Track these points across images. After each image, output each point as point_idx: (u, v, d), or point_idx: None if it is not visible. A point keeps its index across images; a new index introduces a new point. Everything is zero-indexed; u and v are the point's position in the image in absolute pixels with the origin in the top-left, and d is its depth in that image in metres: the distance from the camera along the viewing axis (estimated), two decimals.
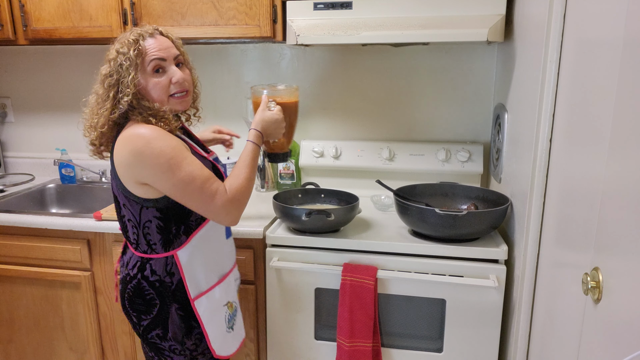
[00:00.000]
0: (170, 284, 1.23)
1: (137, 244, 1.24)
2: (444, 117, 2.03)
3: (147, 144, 1.11)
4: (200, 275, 1.27)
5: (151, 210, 1.19)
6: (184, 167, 1.13)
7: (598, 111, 0.96)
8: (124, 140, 1.14)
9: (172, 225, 1.21)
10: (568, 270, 1.10)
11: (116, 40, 1.20)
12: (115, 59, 1.16)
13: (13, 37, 1.92)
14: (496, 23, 1.54)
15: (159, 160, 1.11)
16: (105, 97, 1.17)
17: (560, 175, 1.19)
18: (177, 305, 1.24)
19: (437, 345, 1.56)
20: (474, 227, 1.45)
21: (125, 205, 1.22)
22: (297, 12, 1.69)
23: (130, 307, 1.27)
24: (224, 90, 2.17)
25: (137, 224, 1.22)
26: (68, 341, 1.88)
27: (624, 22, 0.86)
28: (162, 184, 1.13)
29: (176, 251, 1.23)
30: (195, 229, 1.24)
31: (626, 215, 0.81)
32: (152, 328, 1.26)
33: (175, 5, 1.79)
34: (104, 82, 1.18)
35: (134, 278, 1.25)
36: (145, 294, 1.24)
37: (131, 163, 1.13)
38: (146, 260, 1.24)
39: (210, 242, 1.30)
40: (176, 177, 1.13)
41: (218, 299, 1.31)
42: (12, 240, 1.80)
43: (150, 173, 1.12)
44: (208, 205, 1.17)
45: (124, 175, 1.16)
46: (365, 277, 1.48)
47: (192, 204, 1.17)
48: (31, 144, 2.41)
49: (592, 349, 0.94)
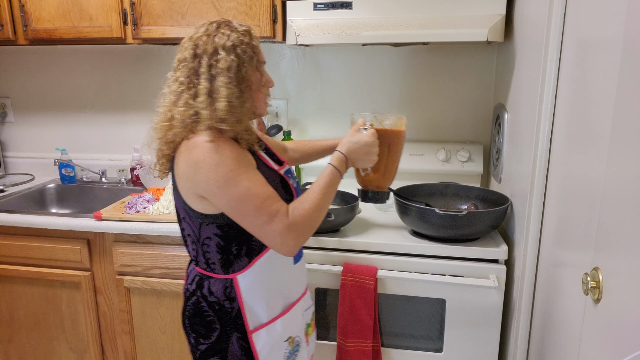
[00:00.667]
0: (231, 309, 1.10)
1: (196, 260, 1.14)
2: (443, 117, 2.03)
3: (206, 153, 1.00)
4: (260, 305, 1.12)
5: (211, 227, 1.07)
6: (242, 181, 1.00)
7: (598, 111, 0.96)
8: (186, 148, 1.03)
9: (233, 245, 1.08)
10: (568, 270, 1.10)
11: (221, 29, 1.05)
12: (234, 48, 1.03)
13: (13, 37, 1.92)
14: (496, 23, 1.54)
15: (217, 172, 0.99)
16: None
17: (560, 175, 1.19)
18: (239, 334, 1.11)
19: (437, 345, 1.56)
20: (474, 227, 1.45)
21: (185, 219, 1.11)
22: (297, 12, 1.69)
23: (189, 326, 1.15)
24: None
25: (197, 240, 1.10)
26: (68, 341, 1.88)
27: (623, 22, 0.86)
28: (217, 199, 1.01)
29: (236, 275, 1.10)
30: (258, 252, 1.10)
31: (626, 215, 0.81)
32: (210, 355, 1.13)
33: (175, 5, 1.79)
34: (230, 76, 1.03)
35: (193, 294, 1.14)
36: (205, 314, 1.11)
37: (189, 174, 1.02)
38: (205, 278, 1.13)
39: (276, 269, 1.14)
40: (232, 192, 1.00)
41: (279, 334, 1.15)
42: (12, 240, 1.80)
43: (206, 186, 1.01)
44: (263, 227, 1.01)
45: (182, 187, 1.06)
46: (365, 277, 1.48)
47: (247, 224, 1.03)
48: (31, 144, 2.41)
49: (592, 349, 0.94)
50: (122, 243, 1.72)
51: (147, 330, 1.79)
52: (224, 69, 1.03)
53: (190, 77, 1.05)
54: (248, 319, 1.11)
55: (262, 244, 1.10)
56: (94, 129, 2.33)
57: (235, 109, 1.03)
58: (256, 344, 1.11)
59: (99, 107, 2.30)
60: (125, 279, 1.74)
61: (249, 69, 1.07)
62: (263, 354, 1.12)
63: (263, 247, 1.11)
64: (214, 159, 1.00)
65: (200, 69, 1.04)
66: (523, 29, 1.49)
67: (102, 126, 2.32)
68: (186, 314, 1.16)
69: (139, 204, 1.78)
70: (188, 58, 1.05)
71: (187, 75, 1.05)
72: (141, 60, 2.20)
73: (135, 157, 2.17)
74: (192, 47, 1.05)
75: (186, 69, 1.05)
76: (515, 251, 1.48)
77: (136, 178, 2.16)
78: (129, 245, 1.72)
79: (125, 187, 2.18)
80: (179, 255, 1.69)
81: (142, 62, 2.21)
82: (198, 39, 1.05)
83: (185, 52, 1.06)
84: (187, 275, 1.19)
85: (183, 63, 1.06)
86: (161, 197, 1.80)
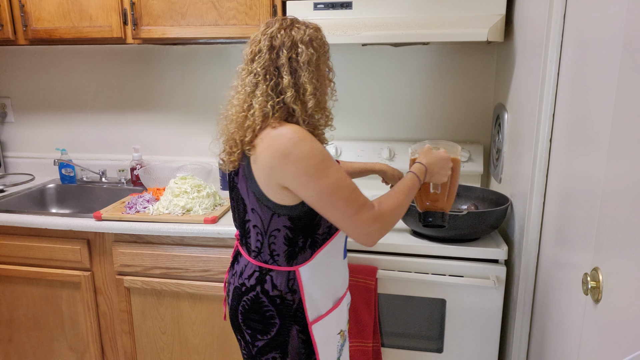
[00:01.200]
0: (292, 302, 1.12)
1: (259, 252, 1.14)
2: (443, 117, 2.03)
3: (295, 145, 1.01)
4: (319, 297, 1.14)
5: (282, 219, 1.08)
6: (331, 173, 1.02)
7: (598, 111, 0.96)
8: (270, 139, 1.03)
9: (299, 237, 1.10)
10: (568, 270, 1.10)
11: (296, 24, 1.10)
12: (311, 42, 1.08)
13: (13, 37, 1.92)
14: (496, 23, 1.54)
15: (307, 162, 1.01)
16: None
17: (560, 175, 1.19)
18: (298, 327, 1.12)
19: (437, 345, 1.56)
20: (474, 227, 1.45)
21: (255, 210, 1.10)
22: (297, 12, 1.69)
23: (244, 323, 1.15)
24: (224, 91, 2.16)
25: (264, 231, 1.11)
26: (68, 341, 1.88)
27: (623, 22, 0.86)
28: (305, 189, 1.02)
29: (299, 267, 1.12)
30: (321, 244, 1.13)
31: (626, 215, 0.81)
32: (269, 351, 1.13)
33: (175, 5, 1.79)
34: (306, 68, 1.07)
35: (251, 290, 1.13)
36: (264, 310, 1.12)
37: (275, 165, 1.02)
38: (266, 272, 1.13)
39: (331, 262, 1.17)
40: (322, 183, 1.01)
41: (333, 326, 1.18)
42: (12, 240, 1.80)
43: (294, 176, 1.02)
44: (351, 218, 1.04)
45: (264, 177, 1.05)
46: (365, 277, 1.48)
47: (334, 213, 1.04)
48: (31, 144, 2.41)
49: (592, 349, 0.94)
50: (122, 243, 1.72)
51: (147, 330, 1.79)
52: (305, 63, 1.06)
53: (267, 68, 1.07)
54: (308, 310, 1.12)
55: (324, 238, 1.13)
56: (94, 129, 2.33)
57: (320, 104, 1.10)
58: (316, 335, 1.13)
59: (99, 107, 2.30)
60: (125, 279, 1.74)
61: (323, 63, 1.12)
62: (321, 346, 1.15)
63: (324, 240, 1.13)
64: (304, 151, 1.01)
65: (279, 61, 1.06)
66: (523, 29, 1.49)
67: (102, 126, 2.32)
68: (241, 310, 1.15)
69: (139, 204, 1.78)
70: (264, 50, 1.07)
71: (263, 67, 1.07)
72: (141, 60, 2.20)
73: (135, 157, 2.17)
74: (269, 39, 1.07)
75: (262, 60, 1.07)
76: (515, 251, 1.48)
77: (136, 178, 2.17)
78: (129, 245, 1.72)
79: (125, 187, 2.19)
80: (179, 255, 1.69)
81: (142, 62, 2.21)
82: (274, 33, 1.08)
83: (260, 45, 1.08)
84: (236, 273, 1.18)
85: (258, 55, 1.08)
86: (161, 197, 1.80)
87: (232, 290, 1.18)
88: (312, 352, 1.15)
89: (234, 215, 1.20)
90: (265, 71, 1.06)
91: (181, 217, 1.68)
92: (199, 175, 1.97)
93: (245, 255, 1.17)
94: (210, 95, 2.18)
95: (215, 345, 1.76)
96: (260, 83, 1.07)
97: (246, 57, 1.11)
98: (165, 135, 2.27)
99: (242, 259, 1.18)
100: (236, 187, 1.14)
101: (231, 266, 1.23)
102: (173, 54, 2.16)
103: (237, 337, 1.20)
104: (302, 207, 1.07)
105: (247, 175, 1.09)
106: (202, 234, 1.63)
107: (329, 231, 1.14)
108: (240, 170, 1.11)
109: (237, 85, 1.12)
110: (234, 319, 1.18)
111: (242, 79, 1.11)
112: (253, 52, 1.09)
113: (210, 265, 1.67)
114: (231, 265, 1.23)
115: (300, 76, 1.06)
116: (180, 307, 1.74)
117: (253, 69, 1.08)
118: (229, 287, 1.21)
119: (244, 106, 1.08)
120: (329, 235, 1.14)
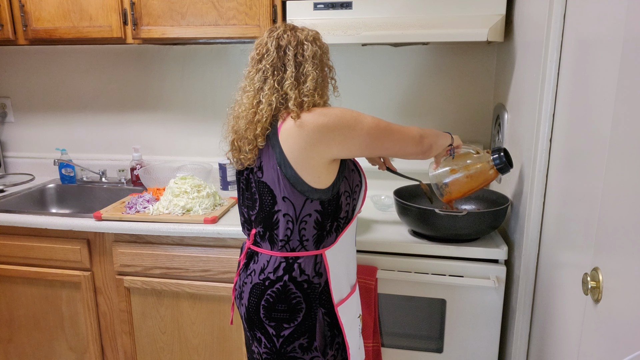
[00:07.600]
0: (318, 285, 1.16)
1: (287, 241, 1.16)
2: (443, 117, 2.03)
3: (326, 115, 1.09)
4: (341, 279, 1.20)
5: (315, 204, 1.13)
6: (366, 117, 1.13)
7: (598, 111, 0.96)
8: (300, 125, 1.09)
9: (327, 222, 1.16)
10: (568, 270, 1.10)
11: (298, 28, 1.18)
12: (315, 40, 1.16)
13: (13, 37, 1.92)
14: (496, 23, 1.54)
15: (344, 118, 1.10)
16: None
17: (560, 175, 1.19)
18: (324, 309, 1.16)
19: (437, 345, 1.56)
20: (474, 227, 1.45)
21: (287, 198, 1.13)
22: (297, 12, 1.69)
23: (267, 316, 1.16)
24: (224, 91, 2.17)
25: (295, 218, 1.14)
26: (68, 341, 1.88)
27: (623, 22, 0.86)
28: (354, 139, 1.12)
29: (324, 250, 1.17)
30: (343, 228, 1.20)
31: (626, 216, 0.81)
32: (296, 337, 1.15)
33: (175, 5, 1.79)
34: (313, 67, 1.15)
35: (277, 281, 1.15)
36: (291, 297, 1.14)
37: (316, 141, 1.08)
38: (293, 260, 1.15)
39: (349, 246, 1.25)
40: (365, 123, 1.12)
41: (355, 309, 1.24)
42: (12, 240, 1.80)
43: (339, 134, 1.10)
44: (404, 135, 1.18)
45: (302, 159, 1.10)
46: (365, 277, 1.48)
47: (390, 141, 1.17)
48: (31, 144, 2.41)
49: (592, 349, 0.94)
50: (122, 243, 1.72)
51: (147, 330, 1.79)
52: (310, 57, 1.14)
53: (274, 65, 1.13)
54: (334, 292, 1.17)
55: (345, 221, 1.20)
56: (94, 129, 2.33)
57: (319, 89, 1.15)
58: (341, 316, 1.18)
59: (99, 107, 2.30)
60: (125, 279, 1.74)
61: (326, 60, 1.19)
62: (347, 328, 1.20)
63: (346, 223, 1.20)
64: (338, 113, 1.10)
65: (286, 57, 1.13)
66: (523, 29, 1.49)
67: (102, 126, 2.32)
68: (264, 305, 1.16)
69: (139, 204, 1.78)
70: (271, 50, 1.14)
71: (271, 64, 1.13)
72: (141, 60, 2.20)
73: (135, 157, 2.17)
74: (275, 40, 1.14)
75: (270, 59, 1.13)
76: (515, 251, 1.48)
77: (136, 178, 2.17)
78: (129, 245, 1.72)
79: (125, 187, 2.19)
80: (179, 255, 1.69)
81: (142, 62, 2.21)
82: (280, 34, 1.15)
83: (267, 46, 1.15)
84: (254, 271, 1.18)
85: (266, 54, 1.14)
86: (161, 197, 1.80)
87: (250, 289, 1.18)
88: (336, 335, 1.18)
89: (248, 214, 1.21)
90: (273, 68, 1.13)
91: (181, 217, 1.68)
92: (199, 175, 1.97)
93: (265, 251, 1.18)
94: (210, 95, 2.18)
95: (215, 345, 1.76)
96: (269, 79, 1.13)
97: (253, 59, 1.17)
98: (165, 135, 2.27)
99: (261, 257, 1.19)
100: (259, 181, 1.16)
101: (244, 268, 1.22)
102: (173, 54, 2.16)
103: (256, 336, 1.19)
104: (333, 189, 1.14)
105: (280, 162, 1.12)
106: (202, 234, 1.63)
107: (347, 215, 1.20)
108: (265, 163, 1.14)
109: (246, 86, 1.17)
110: (253, 316, 1.18)
111: (250, 79, 1.16)
112: (260, 53, 1.15)
113: (210, 265, 1.67)
114: (244, 267, 1.22)
115: (304, 67, 1.13)
116: (180, 307, 1.74)
117: (261, 67, 1.14)
118: (243, 287, 1.20)
119: (254, 102, 1.14)
120: (349, 220, 1.21)
